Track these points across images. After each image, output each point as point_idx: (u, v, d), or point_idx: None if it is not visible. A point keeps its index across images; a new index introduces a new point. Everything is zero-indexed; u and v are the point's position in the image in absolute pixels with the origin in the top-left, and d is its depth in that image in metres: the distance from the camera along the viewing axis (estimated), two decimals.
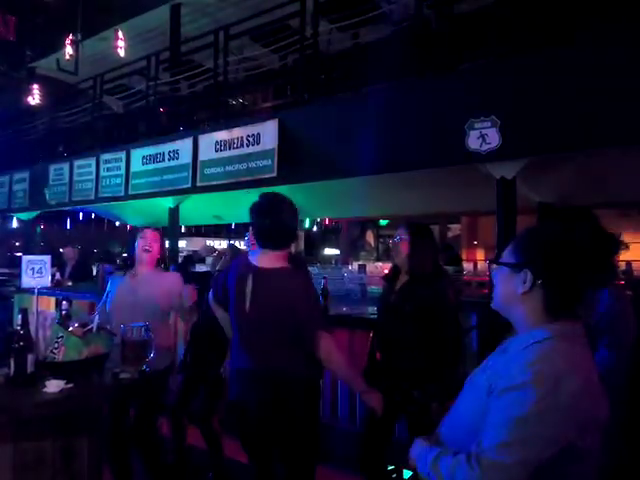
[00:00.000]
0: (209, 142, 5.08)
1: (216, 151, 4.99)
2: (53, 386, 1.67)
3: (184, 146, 5.33)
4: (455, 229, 13.28)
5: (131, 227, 9.27)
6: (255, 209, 1.93)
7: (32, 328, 1.88)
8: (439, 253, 2.99)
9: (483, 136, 3.36)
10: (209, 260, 5.22)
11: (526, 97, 3.35)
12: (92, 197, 6.46)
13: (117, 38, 6.27)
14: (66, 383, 1.71)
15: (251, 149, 4.67)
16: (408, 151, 3.86)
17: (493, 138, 3.34)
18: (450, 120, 3.59)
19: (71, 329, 1.90)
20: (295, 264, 1.94)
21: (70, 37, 6.69)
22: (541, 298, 1.05)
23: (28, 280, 2.05)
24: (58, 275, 6.27)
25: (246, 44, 5.68)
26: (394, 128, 3.94)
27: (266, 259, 1.90)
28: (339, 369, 1.95)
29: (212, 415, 2.88)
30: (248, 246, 2.39)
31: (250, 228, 2.04)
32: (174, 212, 5.82)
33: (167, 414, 2.89)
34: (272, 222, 1.88)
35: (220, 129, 5.06)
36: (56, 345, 1.81)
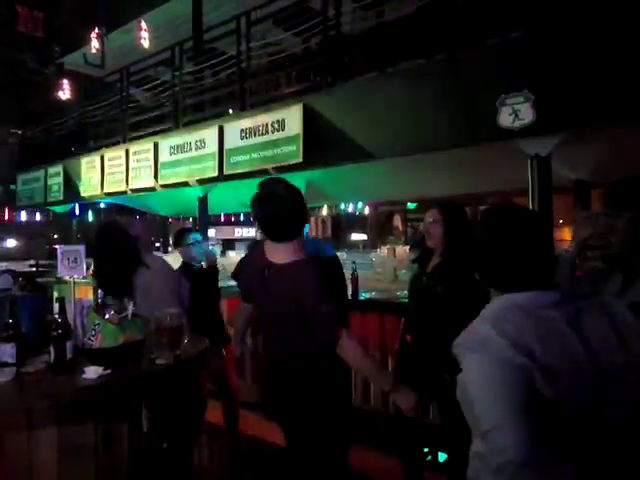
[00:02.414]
0: (234, 130, 5.09)
1: (241, 139, 4.99)
2: (91, 372, 1.72)
3: (210, 135, 5.36)
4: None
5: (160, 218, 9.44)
6: (255, 201, 1.77)
7: (70, 316, 1.93)
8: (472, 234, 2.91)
9: (516, 112, 3.23)
10: None
11: (560, 70, 3.19)
12: (123, 188, 6.60)
13: (140, 29, 6.32)
14: (104, 369, 1.76)
15: (276, 135, 4.65)
16: (437, 131, 3.76)
17: (526, 114, 3.21)
18: (480, 97, 3.47)
19: (107, 317, 1.94)
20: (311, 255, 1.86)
21: (95, 31, 6.79)
22: None
23: (64, 270, 2.10)
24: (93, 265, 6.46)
25: (268, 29, 5.63)
26: (422, 108, 3.84)
27: (277, 252, 1.80)
28: (362, 370, 1.87)
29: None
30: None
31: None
32: (203, 201, 5.88)
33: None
34: (274, 212, 1.73)
35: (245, 117, 5.05)
36: (93, 333, 1.86)
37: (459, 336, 1.04)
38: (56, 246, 2.23)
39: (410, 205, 11.43)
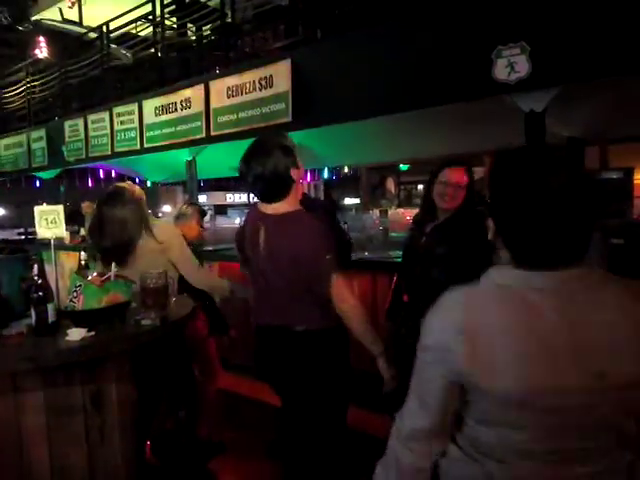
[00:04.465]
0: (220, 88, 4.90)
1: (228, 97, 4.82)
2: (75, 334, 1.68)
3: (195, 94, 5.17)
4: (479, 172, 12.89)
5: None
6: (241, 159, 1.75)
7: (51, 279, 1.88)
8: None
9: (512, 64, 3.11)
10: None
11: (558, 19, 3.05)
12: (109, 152, 6.42)
13: None
14: (88, 331, 1.72)
15: (263, 93, 4.49)
16: (430, 86, 3.63)
17: (522, 66, 3.09)
18: (475, 49, 3.33)
19: (89, 278, 1.89)
20: (309, 207, 1.84)
21: None
22: None
23: (43, 231, 2.03)
24: (82, 231, 6.36)
25: None
26: (414, 62, 3.69)
27: (272, 208, 1.78)
28: (353, 319, 1.73)
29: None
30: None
31: None
32: (191, 165, 5.74)
33: None
34: (258, 171, 1.70)
35: (230, 74, 4.86)
36: (75, 294, 1.81)
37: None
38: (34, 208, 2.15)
39: (402, 167, 11.32)
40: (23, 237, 9.12)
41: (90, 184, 14.97)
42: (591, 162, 6.80)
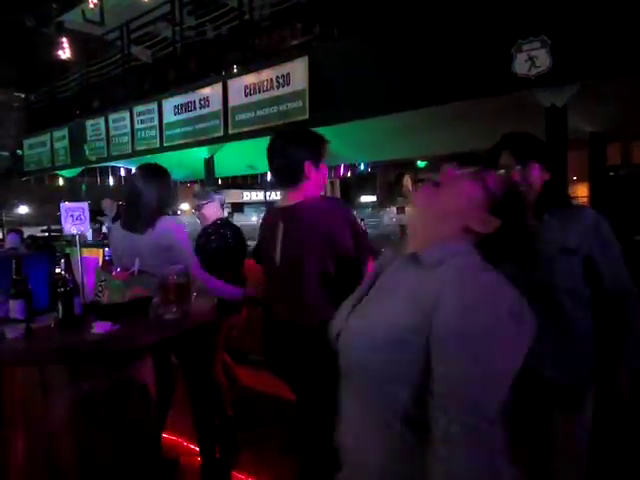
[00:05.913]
0: (238, 86, 4.95)
1: (246, 95, 4.86)
2: (100, 327, 1.73)
3: (214, 93, 5.22)
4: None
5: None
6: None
7: (77, 274, 1.93)
8: None
9: (532, 59, 3.07)
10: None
11: (580, 12, 3.00)
12: (129, 151, 6.53)
13: None
14: (113, 324, 1.77)
15: (281, 91, 4.51)
16: (449, 81, 3.61)
17: (543, 61, 3.05)
18: (495, 43, 3.30)
19: (114, 273, 1.94)
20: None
21: None
22: None
23: (68, 227, 2.09)
24: (105, 228, 6.49)
25: None
26: (433, 58, 3.67)
27: (294, 196, 1.82)
28: None
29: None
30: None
31: None
32: (209, 163, 5.81)
33: None
34: (271, 155, 1.84)
35: (248, 72, 4.90)
36: (100, 288, 1.86)
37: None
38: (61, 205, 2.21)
39: (420, 164, 11.22)
40: (47, 234, 9.32)
41: (111, 182, 15.20)
42: (613, 158, 6.67)
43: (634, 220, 3.87)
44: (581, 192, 9.02)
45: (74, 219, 2.05)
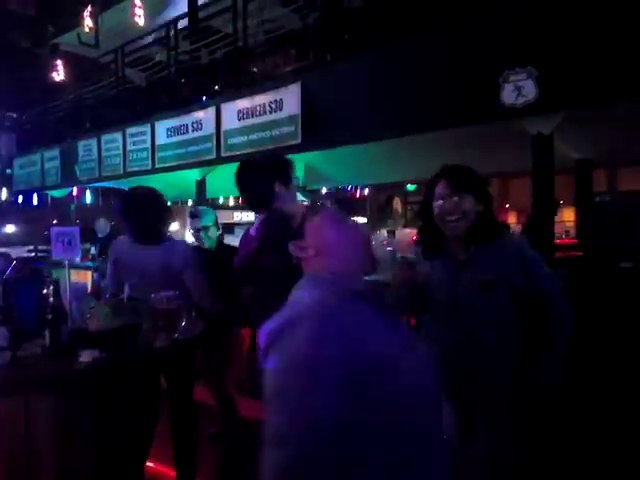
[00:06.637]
0: (231, 111, 5.00)
1: (239, 120, 4.91)
2: (87, 355, 1.70)
3: (207, 116, 5.27)
4: None
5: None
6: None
7: (65, 300, 1.91)
8: None
9: (519, 88, 3.16)
10: None
11: (565, 44, 3.11)
12: (121, 172, 6.52)
13: (134, 6, 6.17)
14: (100, 352, 1.74)
15: (274, 116, 4.57)
16: (438, 109, 3.68)
17: (530, 90, 3.14)
18: (483, 73, 3.38)
19: (103, 299, 1.91)
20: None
21: (89, 9, 6.63)
22: None
23: (58, 252, 2.07)
24: (93, 249, 6.43)
25: (266, 5, 5.49)
26: (422, 86, 3.75)
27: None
28: None
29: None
30: None
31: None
32: (201, 184, 5.82)
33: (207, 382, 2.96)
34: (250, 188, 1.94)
35: (242, 97, 4.96)
36: (88, 315, 1.83)
37: None
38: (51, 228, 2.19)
39: (409, 187, 11.35)
40: (33, 254, 9.21)
41: (100, 202, 15.14)
42: (599, 185, 6.81)
43: (619, 247, 3.94)
44: (567, 216, 9.17)
45: (64, 244, 2.03)
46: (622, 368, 2.67)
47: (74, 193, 8.14)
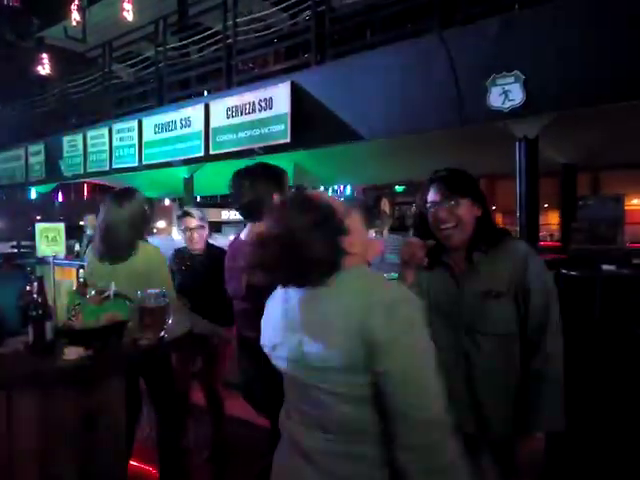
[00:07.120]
0: (220, 108, 4.98)
1: (227, 117, 4.89)
2: (72, 353, 1.68)
3: (195, 113, 5.24)
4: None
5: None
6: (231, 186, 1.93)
7: (50, 296, 1.88)
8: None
9: (506, 92, 3.20)
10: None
11: (551, 50, 3.16)
12: (106, 168, 6.45)
13: (123, 1, 6.10)
14: (85, 350, 1.72)
15: (263, 114, 4.56)
16: (427, 112, 3.72)
17: (517, 94, 3.19)
18: (470, 77, 3.43)
19: (88, 296, 1.89)
20: None
21: (76, 2, 6.54)
22: None
23: (43, 248, 2.04)
24: (77, 246, 6.35)
25: (256, 3, 5.48)
26: (411, 88, 3.78)
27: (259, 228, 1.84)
28: None
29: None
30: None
31: None
32: (189, 182, 5.78)
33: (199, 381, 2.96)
34: (234, 196, 1.89)
35: (231, 94, 4.94)
36: (73, 312, 1.81)
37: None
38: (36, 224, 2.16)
39: (398, 188, 11.41)
40: (16, 250, 9.05)
41: (85, 197, 14.97)
42: (583, 189, 6.93)
43: (603, 250, 4.02)
44: (552, 219, 9.30)
45: (49, 240, 2.00)
46: (604, 371, 2.72)
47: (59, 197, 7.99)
